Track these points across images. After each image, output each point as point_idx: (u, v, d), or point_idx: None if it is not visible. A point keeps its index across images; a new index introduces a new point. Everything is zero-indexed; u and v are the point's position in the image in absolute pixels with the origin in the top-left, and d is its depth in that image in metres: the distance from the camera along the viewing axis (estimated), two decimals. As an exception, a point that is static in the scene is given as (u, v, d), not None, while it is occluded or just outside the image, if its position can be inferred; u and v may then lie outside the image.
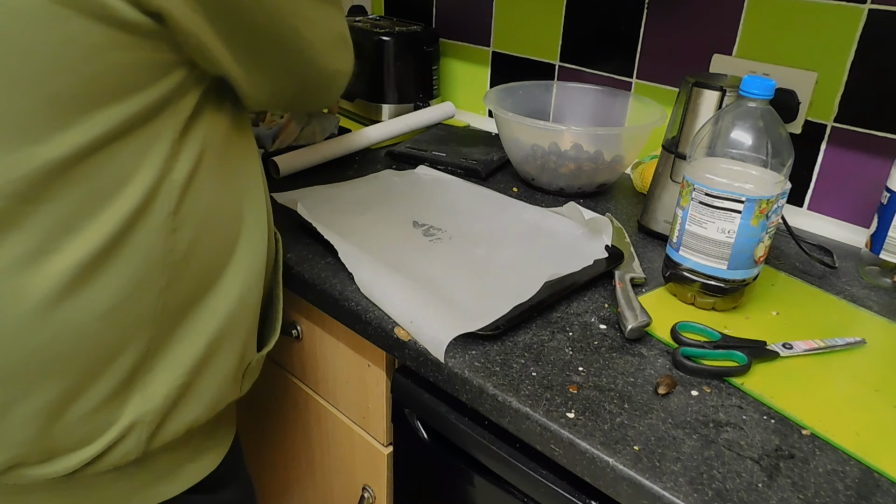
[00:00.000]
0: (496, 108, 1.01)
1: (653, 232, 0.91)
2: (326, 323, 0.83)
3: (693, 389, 0.62)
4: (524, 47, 1.27)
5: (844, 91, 0.92)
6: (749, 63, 0.99)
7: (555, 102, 1.17)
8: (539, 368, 0.64)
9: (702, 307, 0.75)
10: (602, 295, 0.77)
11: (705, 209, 0.70)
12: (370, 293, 0.73)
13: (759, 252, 0.71)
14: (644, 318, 0.68)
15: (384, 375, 0.78)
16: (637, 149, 1.03)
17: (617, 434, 0.56)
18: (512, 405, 0.60)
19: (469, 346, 0.66)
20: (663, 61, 1.09)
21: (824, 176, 0.98)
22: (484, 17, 1.30)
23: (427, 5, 1.38)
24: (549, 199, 1.02)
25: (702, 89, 0.82)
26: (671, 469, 0.53)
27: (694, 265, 0.73)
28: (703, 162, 0.72)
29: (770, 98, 0.69)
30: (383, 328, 0.70)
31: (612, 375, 0.63)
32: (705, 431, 0.57)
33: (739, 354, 0.65)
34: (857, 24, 0.89)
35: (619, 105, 1.12)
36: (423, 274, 0.76)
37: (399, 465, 0.84)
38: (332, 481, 0.96)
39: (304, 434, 0.97)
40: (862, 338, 0.70)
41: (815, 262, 0.86)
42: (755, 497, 0.51)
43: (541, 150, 1.01)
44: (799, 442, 0.57)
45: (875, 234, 0.83)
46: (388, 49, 1.27)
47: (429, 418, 0.75)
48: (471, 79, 1.38)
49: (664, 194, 0.89)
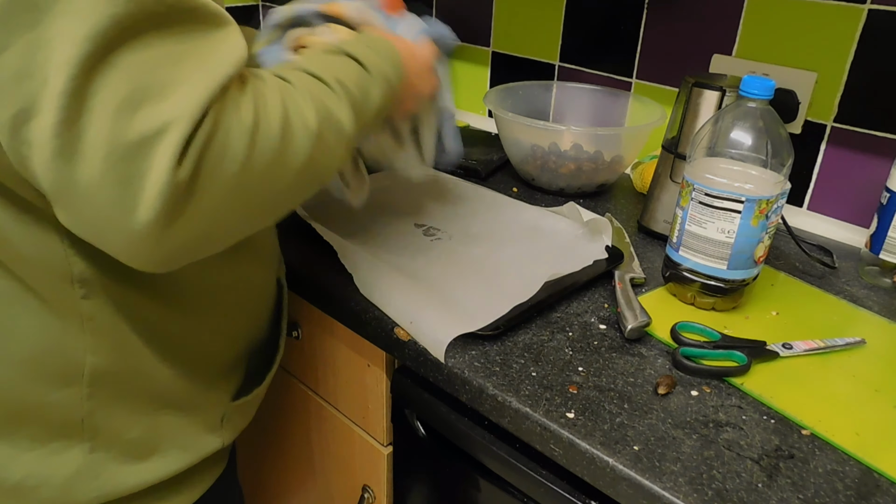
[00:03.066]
0: (496, 109, 1.01)
1: (653, 232, 0.91)
2: (326, 323, 0.83)
3: (693, 389, 0.62)
4: (524, 47, 1.27)
5: (844, 91, 0.92)
6: (749, 63, 0.99)
7: (555, 102, 1.17)
8: (539, 368, 0.64)
9: (702, 307, 0.75)
10: (602, 295, 0.77)
11: (705, 209, 0.70)
12: (370, 294, 0.73)
13: (758, 252, 0.71)
14: (644, 318, 0.68)
15: (384, 375, 0.78)
16: (637, 149, 1.03)
17: (617, 434, 0.56)
18: (512, 405, 0.60)
19: (469, 346, 0.66)
20: (663, 61, 1.09)
21: (824, 176, 0.98)
22: (484, 17, 1.30)
23: (427, 5, 1.38)
24: (549, 199, 1.02)
25: (702, 89, 0.82)
26: (671, 469, 0.53)
27: (694, 265, 0.73)
28: (702, 162, 0.72)
29: (770, 98, 0.69)
30: (383, 328, 0.70)
31: (611, 375, 0.63)
32: (705, 431, 0.57)
33: (739, 354, 0.65)
34: (857, 24, 0.89)
35: (619, 105, 1.12)
36: (422, 274, 0.76)
37: (399, 465, 0.84)
38: (332, 481, 0.96)
39: (304, 434, 0.97)
40: (862, 338, 0.70)
41: (815, 262, 0.86)
42: (755, 497, 0.51)
43: (541, 150, 1.01)
44: (799, 442, 0.57)
45: (875, 234, 0.83)
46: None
47: (429, 418, 0.75)
48: (471, 79, 1.38)
49: (664, 194, 0.89)
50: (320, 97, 0.53)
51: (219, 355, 0.65)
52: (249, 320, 0.68)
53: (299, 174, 0.50)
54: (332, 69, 0.56)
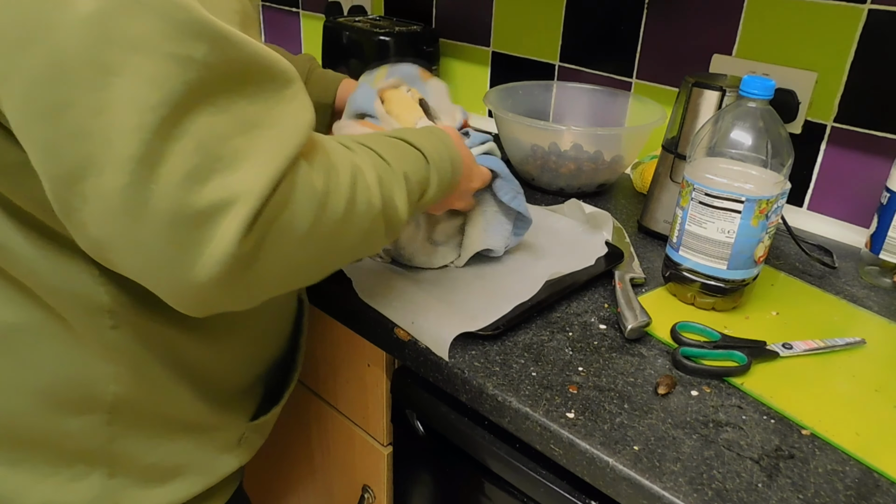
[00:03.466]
0: (496, 108, 1.01)
1: (653, 232, 0.91)
2: (326, 323, 0.83)
3: (693, 389, 0.62)
4: (524, 47, 1.27)
5: (844, 91, 0.92)
6: (749, 63, 0.99)
7: (555, 102, 1.17)
8: (539, 368, 0.64)
9: (702, 307, 0.75)
10: (602, 295, 0.77)
11: (705, 209, 0.70)
12: (369, 298, 0.72)
13: (758, 252, 0.71)
14: (644, 318, 0.68)
15: (384, 375, 0.78)
16: (637, 149, 1.03)
17: (617, 434, 0.56)
18: (512, 405, 0.60)
19: (469, 346, 0.66)
20: (663, 61, 1.09)
21: (824, 176, 0.98)
22: (484, 17, 1.30)
23: (427, 5, 1.38)
24: (549, 199, 1.02)
25: (702, 89, 0.82)
26: (671, 469, 0.53)
27: (694, 265, 0.73)
28: (702, 162, 0.72)
29: (770, 98, 0.69)
30: (383, 328, 0.70)
31: (611, 375, 0.63)
32: (705, 431, 0.57)
33: (739, 354, 0.65)
34: (857, 24, 0.89)
35: (619, 105, 1.12)
36: (423, 275, 0.76)
37: (399, 465, 0.84)
38: (332, 481, 0.96)
39: (304, 434, 0.97)
40: (862, 338, 0.70)
41: (815, 262, 0.86)
42: (755, 497, 0.51)
43: (541, 150, 1.01)
44: (799, 442, 0.57)
45: (875, 234, 0.83)
46: (388, 49, 1.27)
47: (429, 418, 0.75)
48: (471, 79, 1.38)
49: (664, 194, 0.89)
50: (384, 178, 0.53)
51: (239, 378, 0.64)
52: (271, 340, 0.68)
53: (351, 250, 0.52)
54: (397, 154, 0.57)
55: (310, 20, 1.65)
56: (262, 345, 0.66)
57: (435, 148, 0.61)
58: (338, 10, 1.55)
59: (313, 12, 1.63)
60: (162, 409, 0.58)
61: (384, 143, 0.58)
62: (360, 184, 0.50)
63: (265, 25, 1.79)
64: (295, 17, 1.68)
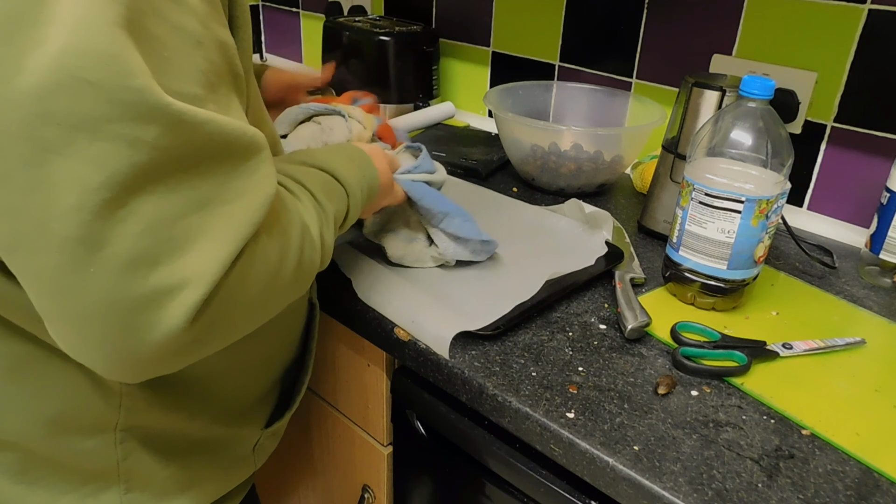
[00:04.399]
0: (496, 108, 1.01)
1: (653, 232, 0.91)
2: (326, 323, 0.83)
3: (693, 389, 0.62)
4: (524, 47, 1.27)
5: (844, 91, 0.92)
6: (749, 63, 0.99)
7: (555, 102, 1.17)
8: (539, 368, 0.64)
9: (702, 307, 0.75)
10: (602, 295, 0.77)
11: (705, 209, 0.70)
12: (369, 298, 0.72)
13: (758, 252, 0.71)
14: (644, 318, 0.68)
15: (384, 375, 0.78)
16: (637, 149, 1.03)
17: (617, 434, 0.56)
18: (512, 405, 0.60)
19: (469, 346, 0.66)
20: (663, 61, 1.09)
21: (824, 176, 0.98)
22: (484, 17, 1.30)
23: (427, 5, 1.38)
24: (549, 199, 1.02)
25: (702, 89, 0.82)
26: (671, 469, 0.53)
27: (694, 265, 0.73)
28: (702, 162, 0.72)
29: (770, 98, 0.69)
30: (383, 328, 0.70)
31: (611, 375, 0.63)
32: (705, 431, 0.57)
33: (739, 354, 0.65)
34: (857, 24, 0.89)
35: (619, 105, 1.12)
36: (422, 275, 0.76)
37: (399, 465, 0.84)
38: (332, 481, 0.96)
39: (304, 434, 0.97)
40: (862, 338, 0.70)
41: (815, 262, 0.86)
42: (755, 497, 0.51)
43: (541, 150, 1.01)
44: (799, 442, 0.57)
45: (875, 234, 0.83)
46: (388, 49, 1.27)
47: (429, 418, 0.75)
48: (471, 79, 1.38)
49: (664, 194, 0.89)
50: (323, 227, 0.54)
51: (253, 390, 0.64)
52: (283, 348, 0.68)
53: (291, 298, 0.52)
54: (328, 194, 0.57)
55: (310, 20, 1.65)
56: (277, 350, 0.66)
57: (357, 181, 0.60)
58: (338, 10, 1.55)
59: (313, 12, 1.64)
60: (175, 427, 0.58)
61: (318, 181, 0.56)
62: (307, 242, 0.50)
63: (265, 25, 1.79)
64: (295, 17, 1.68)
